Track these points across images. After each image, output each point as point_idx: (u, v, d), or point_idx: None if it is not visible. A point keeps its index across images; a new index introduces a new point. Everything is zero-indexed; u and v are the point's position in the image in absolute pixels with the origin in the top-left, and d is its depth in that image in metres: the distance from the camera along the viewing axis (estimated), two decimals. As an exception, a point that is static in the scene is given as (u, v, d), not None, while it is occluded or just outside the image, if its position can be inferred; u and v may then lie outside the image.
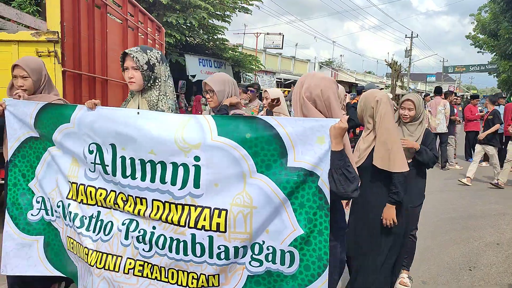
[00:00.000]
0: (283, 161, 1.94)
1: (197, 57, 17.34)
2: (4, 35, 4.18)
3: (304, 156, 1.92)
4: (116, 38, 5.81)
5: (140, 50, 2.45)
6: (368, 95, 2.92)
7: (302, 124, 1.92)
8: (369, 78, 43.37)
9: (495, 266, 4.26)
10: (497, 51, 29.55)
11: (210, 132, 2.00)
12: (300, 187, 1.95)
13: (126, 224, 2.20)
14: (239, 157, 1.96)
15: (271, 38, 26.81)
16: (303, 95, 2.05)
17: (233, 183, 1.99)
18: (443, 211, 6.27)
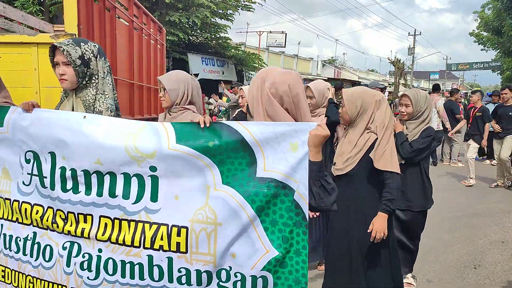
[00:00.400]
0: (251, 171, 1.68)
1: (200, 56, 17.35)
2: (25, 37, 4.41)
3: (276, 165, 1.66)
4: (123, 39, 5.98)
5: (72, 43, 2.16)
6: (363, 94, 2.68)
7: (272, 129, 1.67)
8: (372, 76, 43.29)
9: (500, 264, 4.25)
10: (500, 48, 29.45)
11: (167, 140, 1.74)
12: (272, 201, 1.68)
13: (67, 248, 1.89)
14: (203, 166, 1.71)
15: (273, 36, 26.81)
16: (268, 92, 1.79)
17: (195, 196, 1.73)
18: (447, 210, 6.25)
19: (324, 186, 1.69)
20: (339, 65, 41.32)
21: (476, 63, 45.62)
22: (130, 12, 6.21)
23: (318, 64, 35.25)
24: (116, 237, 1.80)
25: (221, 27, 16.91)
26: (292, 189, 1.67)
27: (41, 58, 4.29)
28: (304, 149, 1.65)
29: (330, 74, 34.37)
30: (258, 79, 1.85)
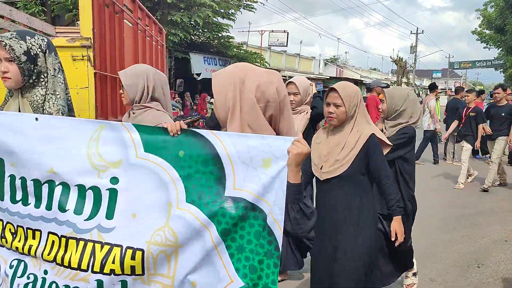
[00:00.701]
0: (219, 188, 1.46)
1: (202, 55, 17.37)
2: None
3: (247, 184, 1.44)
4: (129, 41, 6.22)
5: (16, 36, 1.94)
6: (397, 93, 3.06)
7: (246, 141, 1.44)
8: (374, 75, 43.27)
9: (504, 263, 4.24)
10: (503, 46, 29.36)
11: (135, 147, 1.52)
12: (239, 224, 1.46)
13: (14, 266, 1.68)
14: (168, 180, 1.49)
15: (275, 35, 26.79)
16: (252, 97, 1.50)
17: (155, 214, 1.51)
18: (450, 208, 6.24)
19: (303, 210, 1.47)
20: (341, 64, 41.29)
21: (478, 61, 45.54)
22: (135, 15, 6.41)
23: (320, 63, 35.21)
24: (62, 258, 1.57)
25: (223, 27, 16.92)
26: (264, 212, 1.45)
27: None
28: (278, 166, 1.43)
29: (332, 73, 34.35)
30: (234, 78, 1.53)
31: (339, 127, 2.51)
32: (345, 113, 2.45)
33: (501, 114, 7.38)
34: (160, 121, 2.24)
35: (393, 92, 3.19)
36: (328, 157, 2.49)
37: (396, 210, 2.49)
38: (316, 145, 2.60)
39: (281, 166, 1.43)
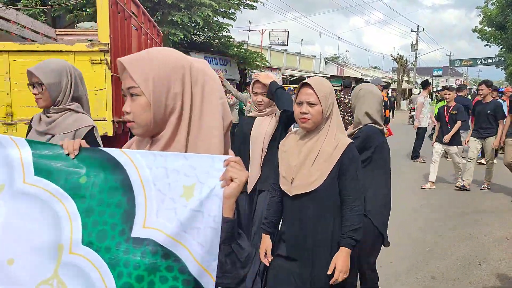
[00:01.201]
0: (126, 227, 1.08)
1: (203, 55, 17.37)
2: (64, 46, 5.01)
3: (159, 220, 1.07)
4: (135, 45, 6.61)
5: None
6: (354, 91, 2.74)
7: (164, 162, 1.09)
8: (375, 73, 43.23)
9: (505, 261, 4.25)
10: (504, 44, 29.30)
11: (23, 169, 1.16)
12: (146, 278, 1.06)
13: None
14: (62, 214, 1.12)
15: (276, 34, 26.79)
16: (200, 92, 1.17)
17: (40, 260, 1.11)
18: (452, 206, 6.25)
19: (236, 253, 1.11)
20: (341, 63, 41.26)
21: (479, 58, 45.46)
22: (139, 19, 6.79)
23: (321, 62, 35.19)
24: None
25: (223, 26, 16.93)
26: (180, 260, 1.06)
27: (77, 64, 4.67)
28: (203, 195, 1.06)
29: (333, 72, 34.33)
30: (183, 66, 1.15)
31: (312, 132, 2.09)
32: (321, 114, 2.04)
33: (487, 111, 7.16)
34: (81, 125, 2.09)
35: (353, 91, 2.90)
36: (299, 168, 2.07)
37: (347, 240, 2.01)
38: (283, 154, 2.18)
39: (207, 195, 1.06)
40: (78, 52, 4.89)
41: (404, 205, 6.26)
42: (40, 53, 4.88)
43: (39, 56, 4.83)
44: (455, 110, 7.38)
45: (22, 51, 4.88)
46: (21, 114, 4.89)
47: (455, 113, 7.34)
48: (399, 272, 3.91)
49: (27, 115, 4.73)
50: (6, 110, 4.82)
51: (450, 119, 7.35)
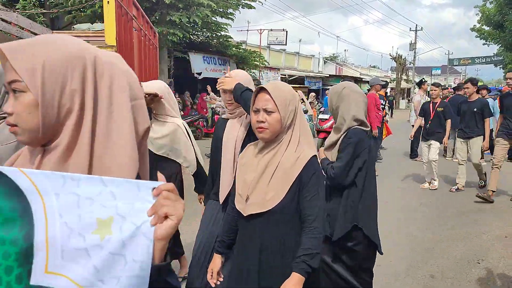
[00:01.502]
0: (23, 270, 0.82)
1: (201, 55, 17.38)
2: None
3: (66, 263, 0.82)
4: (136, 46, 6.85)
5: None
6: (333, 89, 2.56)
7: (75, 187, 0.83)
8: (374, 73, 43.25)
9: (504, 259, 4.26)
10: (502, 43, 29.35)
11: None
12: None
13: None
14: None
15: (274, 34, 26.77)
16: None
17: None
18: (450, 206, 6.26)
19: None
20: (340, 62, 41.26)
21: (478, 57, 45.50)
22: (139, 21, 7.02)
23: (320, 61, 35.20)
24: None
25: (221, 26, 16.93)
26: None
27: None
28: (124, 234, 0.82)
29: (332, 71, 34.34)
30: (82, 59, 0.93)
31: (272, 143, 1.85)
32: (280, 122, 1.82)
33: (473, 109, 6.91)
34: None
35: (332, 88, 2.66)
36: (255, 185, 1.82)
37: (300, 265, 1.70)
38: (241, 167, 1.94)
39: (131, 234, 0.83)
40: None
41: (403, 204, 6.27)
42: None
43: None
44: (442, 107, 7.28)
45: None
46: None
47: (441, 110, 7.23)
48: (399, 271, 3.92)
49: None
50: None
51: (436, 116, 7.22)
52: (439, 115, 7.20)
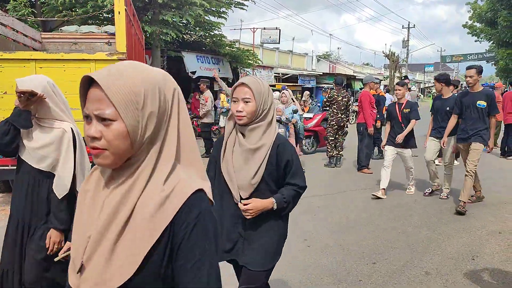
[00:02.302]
0: None
1: (195, 54, 17.34)
2: (86, 55, 5.70)
3: None
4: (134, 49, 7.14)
5: None
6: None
7: None
8: (367, 70, 43.35)
9: (498, 255, 4.28)
10: (494, 39, 29.54)
11: None
12: None
13: None
14: None
15: (267, 33, 26.77)
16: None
17: None
18: (445, 201, 6.28)
19: None
20: (334, 60, 41.33)
21: (470, 54, 45.73)
22: (136, 25, 7.32)
23: (313, 60, 35.24)
24: None
25: (214, 25, 16.89)
26: None
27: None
28: None
29: (325, 69, 34.40)
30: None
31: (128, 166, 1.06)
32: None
33: (446, 108, 6.33)
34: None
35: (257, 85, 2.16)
36: (95, 247, 1.05)
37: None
38: (80, 206, 1.15)
39: None
40: (99, 60, 5.56)
41: (397, 202, 6.29)
42: (64, 61, 5.55)
43: (63, 64, 5.55)
44: (408, 107, 6.61)
45: (48, 60, 5.53)
46: None
47: (408, 111, 6.57)
48: (394, 269, 3.93)
49: None
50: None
51: (403, 118, 6.57)
52: (407, 117, 6.57)
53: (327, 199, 6.44)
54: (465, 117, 5.88)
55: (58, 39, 8.36)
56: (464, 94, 6.00)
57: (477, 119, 5.75)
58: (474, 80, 5.74)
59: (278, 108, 8.38)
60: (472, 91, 5.84)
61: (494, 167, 9.18)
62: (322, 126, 10.76)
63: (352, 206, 6.08)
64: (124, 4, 5.74)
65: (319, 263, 4.05)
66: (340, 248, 4.43)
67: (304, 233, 4.89)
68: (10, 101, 5.35)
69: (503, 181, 7.72)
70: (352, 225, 5.20)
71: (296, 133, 8.83)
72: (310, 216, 5.55)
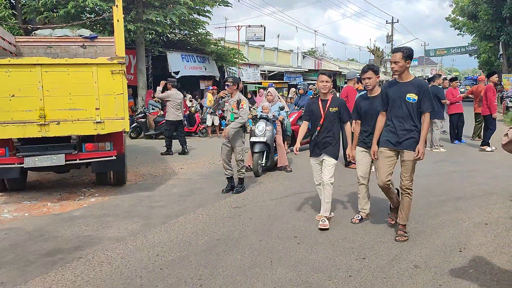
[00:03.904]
0: None
1: (180, 53, 17.21)
2: (89, 60, 6.12)
3: None
4: None
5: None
6: None
7: None
8: (353, 66, 43.58)
9: (485, 246, 4.34)
10: (476, 33, 29.94)
11: None
12: None
13: None
14: None
15: (252, 30, 26.76)
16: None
17: None
18: (432, 194, 6.35)
19: None
20: (319, 56, 41.43)
21: (453, 48, 46.30)
22: None
23: (299, 56, 35.29)
24: None
25: (199, 23, 16.81)
26: None
27: (99, 74, 5.96)
28: None
29: (311, 66, 34.46)
30: None
31: None
32: None
33: (377, 109, 4.79)
34: None
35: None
36: None
37: None
38: None
39: None
40: (101, 64, 5.97)
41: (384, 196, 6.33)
42: (68, 66, 5.92)
43: (67, 68, 5.91)
44: (336, 105, 5.05)
45: (52, 64, 5.89)
46: (52, 116, 5.91)
47: (335, 109, 5.03)
48: (383, 263, 3.96)
49: (59, 117, 5.92)
50: (39, 113, 5.84)
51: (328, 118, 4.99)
52: (334, 117, 5.06)
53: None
54: (392, 114, 4.55)
55: (33, 42, 8.44)
56: (391, 85, 4.70)
57: (406, 117, 4.44)
58: (400, 66, 4.46)
59: (265, 106, 8.37)
60: (401, 80, 4.55)
61: (477, 158, 9.31)
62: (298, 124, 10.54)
63: (341, 201, 6.11)
64: (122, 13, 6.23)
65: (309, 259, 4.06)
66: (330, 244, 4.44)
67: (294, 229, 4.90)
68: (18, 104, 5.78)
69: (486, 173, 7.83)
70: (341, 221, 5.22)
71: (283, 130, 8.83)
72: (300, 213, 5.57)
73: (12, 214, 5.75)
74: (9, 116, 5.72)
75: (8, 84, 5.70)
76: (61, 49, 8.37)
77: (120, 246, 4.49)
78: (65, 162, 6.21)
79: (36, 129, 5.83)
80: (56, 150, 6.17)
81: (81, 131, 6.12)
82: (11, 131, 5.79)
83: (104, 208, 5.97)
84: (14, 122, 5.76)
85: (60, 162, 6.17)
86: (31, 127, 5.82)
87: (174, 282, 3.62)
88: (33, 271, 3.88)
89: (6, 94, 5.71)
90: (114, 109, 6.09)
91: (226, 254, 4.21)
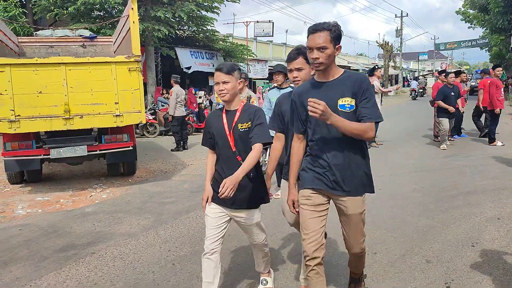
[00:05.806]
0: None
1: (189, 50, 17.25)
2: (108, 58, 6.60)
3: None
4: None
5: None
6: None
7: None
8: (361, 60, 43.32)
9: (497, 241, 4.31)
10: (487, 26, 29.56)
11: None
12: None
13: None
14: None
15: (261, 26, 26.66)
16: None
17: None
18: (443, 189, 6.31)
19: None
20: (328, 51, 41.12)
21: (464, 41, 45.78)
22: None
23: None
24: None
25: (207, 20, 16.82)
26: None
27: (118, 71, 6.42)
28: None
29: (320, 61, 34.22)
30: None
31: None
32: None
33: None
34: None
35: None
36: None
37: None
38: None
39: None
40: (119, 62, 6.44)
41: (395, 192, 6.31)
42: (90, 64, 6.40)
43: (89, 66, 6.39)
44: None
45: (75, 63, 6.35)
46: (76, 111, 6.36)
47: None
48: (395, 258, 3.95)
49: (82, 111, 6.38)
50: (64, 108, 6.28)
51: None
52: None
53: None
54: (316, 136, 2.67)
55: (35, 42, 8.79)
56: (307, 89, 2.76)
57: (339, 140, 2.60)
58: (328, 56, 2.59)
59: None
60: (325, 79, 2.68)
61: (487, 153, 9.22)
62: None
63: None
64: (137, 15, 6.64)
65: (320, 255, 4.06)
66: (340, 240, 4.43)
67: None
68: (45, 99, 6.21)
69: (497, 167, 7.75)
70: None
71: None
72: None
73: (25, 211, 5.84)
74: (37, 111, 6.18)
75: (35, 82, 6.15)
76: (62, 49, 8.68)
77: (132, 241, 4.54)
78: (87, 153, 6.71)
79: (61, 123, 6.29)
80: (79, 142, 6.66)
81: (102, 124, 6.58)
82: (39, 125, 6.25)
83: (116, 205, 6.03)
84: (42, 116, 6.21)
85: (83, 153, 6.68)
86: (57, 121, 6.28)
87: (186, 277, 3.65)
88: (47, 267, 3.94)
89: (34, 91, 6.16)
90: (132, 103, 6.56)
91: (238, 249, 4.23)
